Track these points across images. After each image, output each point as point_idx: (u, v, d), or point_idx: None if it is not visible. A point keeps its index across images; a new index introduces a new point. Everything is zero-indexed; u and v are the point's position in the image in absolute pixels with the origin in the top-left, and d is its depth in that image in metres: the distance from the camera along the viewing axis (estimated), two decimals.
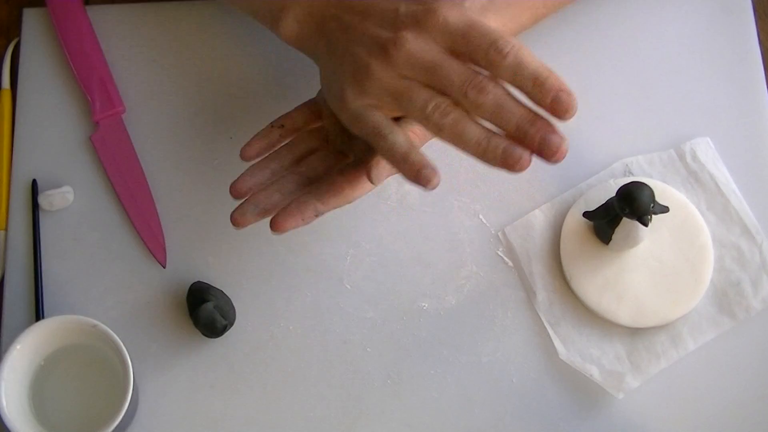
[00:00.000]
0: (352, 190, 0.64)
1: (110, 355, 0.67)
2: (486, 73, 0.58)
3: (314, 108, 0.68)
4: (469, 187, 0.75)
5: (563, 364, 0.70)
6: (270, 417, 0.70)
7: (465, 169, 0.75)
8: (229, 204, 0.74)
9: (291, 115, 0.68)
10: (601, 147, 0.76)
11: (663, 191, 0.73)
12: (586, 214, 0.72)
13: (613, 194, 0.68)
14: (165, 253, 0.73)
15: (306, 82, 0.77)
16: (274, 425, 0.70)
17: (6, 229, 0.74)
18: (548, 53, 0.78)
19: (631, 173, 0.75)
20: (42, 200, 0.74)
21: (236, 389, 0.70)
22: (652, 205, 0.66)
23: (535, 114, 0.57)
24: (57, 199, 0.74)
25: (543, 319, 0.72)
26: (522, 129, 0.56)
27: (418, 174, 0.58)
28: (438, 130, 0.58)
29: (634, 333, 0.71)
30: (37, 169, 0.76)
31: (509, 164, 0.57)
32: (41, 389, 0.67)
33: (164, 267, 0.73)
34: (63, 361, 0.68)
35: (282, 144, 0.67)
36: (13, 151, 0.76)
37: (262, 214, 0.64)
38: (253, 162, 0.67)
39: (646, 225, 0.67)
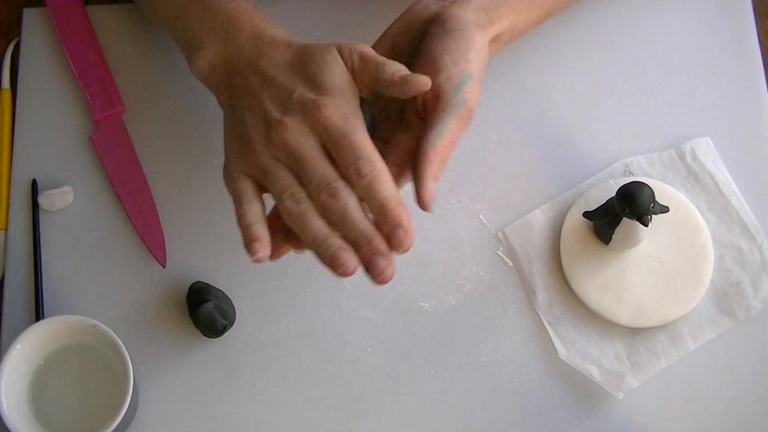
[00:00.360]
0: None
1: (110, 355, 0.67)
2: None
3: None
4: (469, 187, 0.75)
5: (563, 364, 0.70)
6: (270, 417, 0.70)
7: (465, 169, 0.75)
8: (230, 204, 0.74)
9: None
10: (601, 147, 0.76)
11: (663, 191, 0.73)
12: (586, 214, 0.72)
13: (613, 194, 0.68)
14: (165, 253, 0.73)
15: None
16: (274, 425, 0.70)
17: (6, 229, 0.74)
18: (549, 53, 0.78)
19: (631, 173, 0.75)
20: (42, 200, 0.74)
21: (236, 389, 0.70)
22: (652, 205, 0.66)
23: (374, 233, 0.60)
24: (57, 199, 0.74)
25: (543, 319, 0.72)
26: (357, 243, 0.59)
27: (248, 244, 0.61)
28: (286, 215, 0.61)
29: (634, 333, 0.71)
30: (37, 169, 0.76)
31: (333, 268, 0.60)
32: (41, 389, 0.67)
33: (164, 267, 0.73)
34: (63, 361, 0.68)
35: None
36: (13, 151, 0.76)
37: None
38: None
39: (646, 225, 0.67)
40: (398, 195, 0.60)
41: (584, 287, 0.71)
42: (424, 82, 0.61)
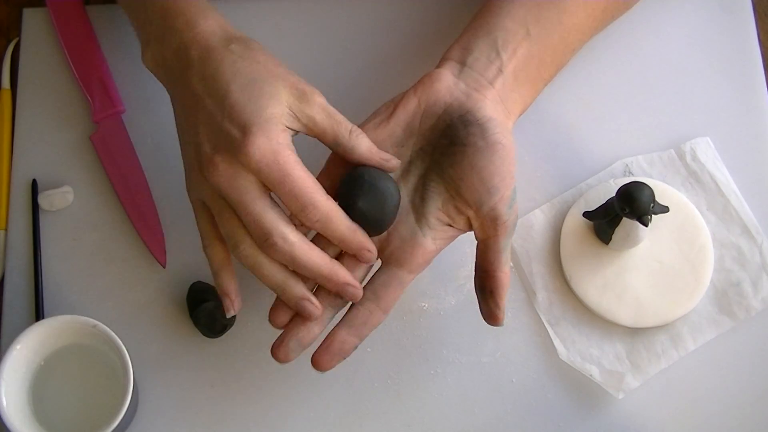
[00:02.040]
0: (382, 314, 0.64)
1: (110, 355, 0.67)
2: None
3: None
4: None
5: (563, 364, 0.70)
6: (270, 417, 0.70)
7: None
8: None
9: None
10: (601, 147, 0.76)
11: (663, 191, 0.73)
12: (586, 214, 0.72)
13: (613, 194, 0.68)
14: (165, 253, 0.73)
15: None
16: (274, 425, 0.70)
17: (6, 229, 0.74)
18: None
19: (631, 173, 0.75)
20: (42, 200, 0.74)
21: (236, 389, 0.70)
22: (652, 205, 0.66)
23: (330, 268, 0.61)
24: (57, 199, 0.74)
25: (543, 319, 0.72)
26: (319, 281, 0.62)
27: (223, 296, 0.64)
28: (240, 261, 0.62)
29: (634, 333, 0.71)
30: (37, 169, 0.76)
31: (302, 316, 0.62)
32: (41, 389, 0.67)
33: (164, 267, 0.73)
34: (63, 361, 0.68)
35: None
36: (13, 151, 0.76)
37: (305, 348, 0.64)
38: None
39: (646, 225, 0.67)
40: (351, 222, 0.61)
41: (584, 287, 0.71)
42: (396, 164, 0.63)
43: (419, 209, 0.64)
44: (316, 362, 0.63)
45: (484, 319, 0.64)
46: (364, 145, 0.62)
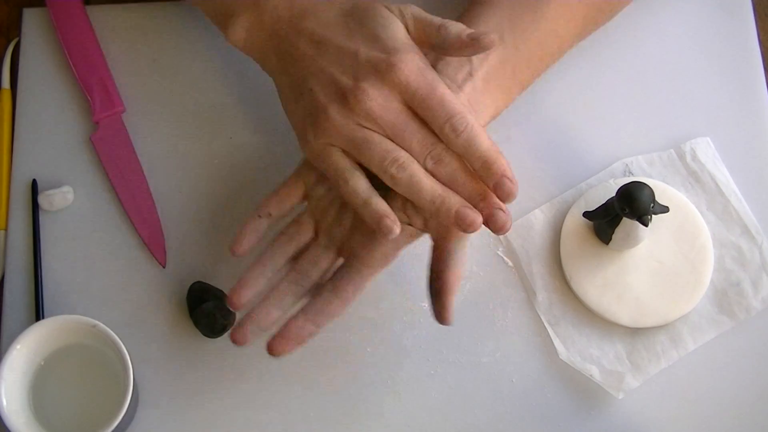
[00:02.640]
0: (342, 305, 0.65)
1: (110, 355, 0.67)
2: None
3: (298, 184, 0.66)
4: None
5: (563, 364, 0.70)
6: (270, 417, 0.70)
7: None
8: (230, 204, 0.74)
9: (276, 199, 0.66)
10: (601, 147, 0.76)
11: (663, 191, 0.73)
12: (586, 214, 0.72)
13: (613, 194, 0.68)
14: (165, 253, 0.73)
15: None
16: (274, 425, 0.70)
17: (6, 229, 0.74)
18: None
19: (631, 173, 0.75)
20: (42, 200, 0.74)
21: (236, 389, 0.70)
22: (652, 205, 0.66)
23: (485, 190, 0.60)
24: (57, 199, 0.74)
25: (543, 319, 0.72)
26: (473, 202, 0.60)
27: (379, 224, 0.60)
28: (393, 183, 0.60)
29: (634, 333, 0.71)
30: (37, 169, 0.76)
31: (462, 226, 0.60)
32: (41, 389, 0.67)
33: (164, 267, 0.73)
34: (63, 361, 0.68)
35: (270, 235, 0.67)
36: (13, 151, 0.76)
37: (263, 332, 0.65)
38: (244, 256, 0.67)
39: (646, 225, 0.67)
40: (495, 145, 0.60)
41: (584, 287, 0.71)
42: (492, 39, 0.60)
43: None
44: (270, 346, 0.63)
45: (435, 318, 0.65)
46: (452, 32, 0.61)
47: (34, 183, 0.75)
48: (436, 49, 0.62)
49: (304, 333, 0.63)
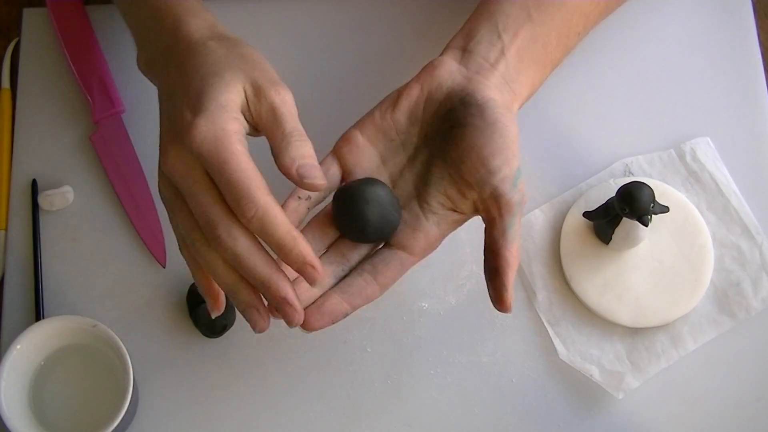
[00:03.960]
0: (379, 290, 0.63)
1: (110, 355, 0.67)
2: None
3: (335, 165, 0.64)
4: None
5: (563, 364, 0.70)
6: (270, 417, 0.70)
7: None
8: None
9: None
10: (601, 147, 0.76)
11: (663, 191, 0.73)
12: (586, 214, 0.72)
13: (613, 194, 0.68)
14: (165, 253, 0.73)
15: (304, 82, 0.77)
16: (274, 425, 0.70)
17: (6, 229, 0.74)
18: None
19: (631, 173, 0.75)
20: (42, 200, 0.74)
21: (236, 389, 0.70)
22: (652, 205, 0.66)
23: (271, 278, 0.56)
24: (57, 199, 0.74)
25: (543, 319, 0.72)
26: (260, 289, 0.57)
27: (205, 297, 0.60)
28: (191, 260, 0.59)
29: (634, 333, 0.71)
30: (37, 169, 0.76)
31: (251, 323, 0.58)
32: (41, 389, 0.67)
33: (164, 267, 0.73)
34: (63, 361, 0.68)
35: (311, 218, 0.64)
36: (13, 151, 0.76)
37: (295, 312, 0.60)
38: None
39: (646, 225, 0.67)
40: (292, 228, 0.55)
41: (584, 287, 0.71)
42: (319, 185, 0.56)
43: (422, 194, 0.64)
44: (306, 322, 0.59)
45: (493, 304, 0.62)
46: (289, 155, 0.57)
47: (34, 183, 0.75)
48: (273, 153, 0.58)
49: (338, 311, 0.61)
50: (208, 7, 0.65)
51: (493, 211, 0.62)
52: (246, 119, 0.58)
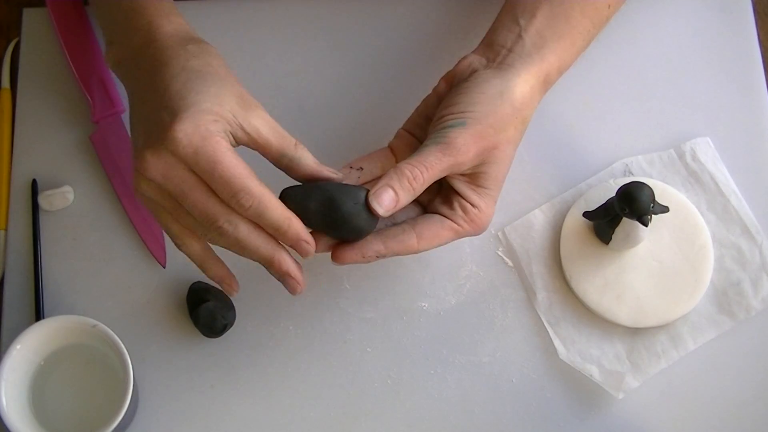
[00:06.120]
0: (417, 244, 0.63)
1: (110, 355, 0.67)
2: None
3: (391, 154, 0.68)
4: None
5: (563, 364, 0.70)
6: (270, 417, 0.70)
7: None
8: None
9: (371, 157, 0.67)
10: (601, 147, 0.76)
11: (663, 191, 0.73)
12: (586, 214, 0.72)
13: (613, 194, 0.68)
14: (165, 253, 0.73)
15: (302, 83, 0.77)
16: (274, 425, 0.70)
17: (6, 229, 0.74)
18: None
19: (631, 173, 0.75)
20: (42, 200, 0.74)
21: (236, 389, 0.70)
22: (652, 205, 0.66)
23: (273, 255, 0.59)
24: (57, 199, 0.74)
25: (543, 319, 0.72)
26: (265, 266, 0.60)
27: (220, 283, 0.63)
28: (188, 256, 0.61)
29: (634, 333, 0.71)
30: (37, 169, 0.76)
31: (287, 286, 0.62)
32: (41, 389, 0.67)
33: (164, 267, 0.73)
34: (63, 361, 0.68)
35: None
36: (13, 151, 0.76)
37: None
38: None
39: (646, 225, 0.67)
40: (285, 210, 0.58)
41: (584, 287, 0.71)
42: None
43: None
44: (335, 254, 0.62)
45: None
46: (310, 158, 0.61)
47: (34, 183, 0.75)
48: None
49: (370, 249, 0.62)
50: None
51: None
52: (236, 135, 0.59)
